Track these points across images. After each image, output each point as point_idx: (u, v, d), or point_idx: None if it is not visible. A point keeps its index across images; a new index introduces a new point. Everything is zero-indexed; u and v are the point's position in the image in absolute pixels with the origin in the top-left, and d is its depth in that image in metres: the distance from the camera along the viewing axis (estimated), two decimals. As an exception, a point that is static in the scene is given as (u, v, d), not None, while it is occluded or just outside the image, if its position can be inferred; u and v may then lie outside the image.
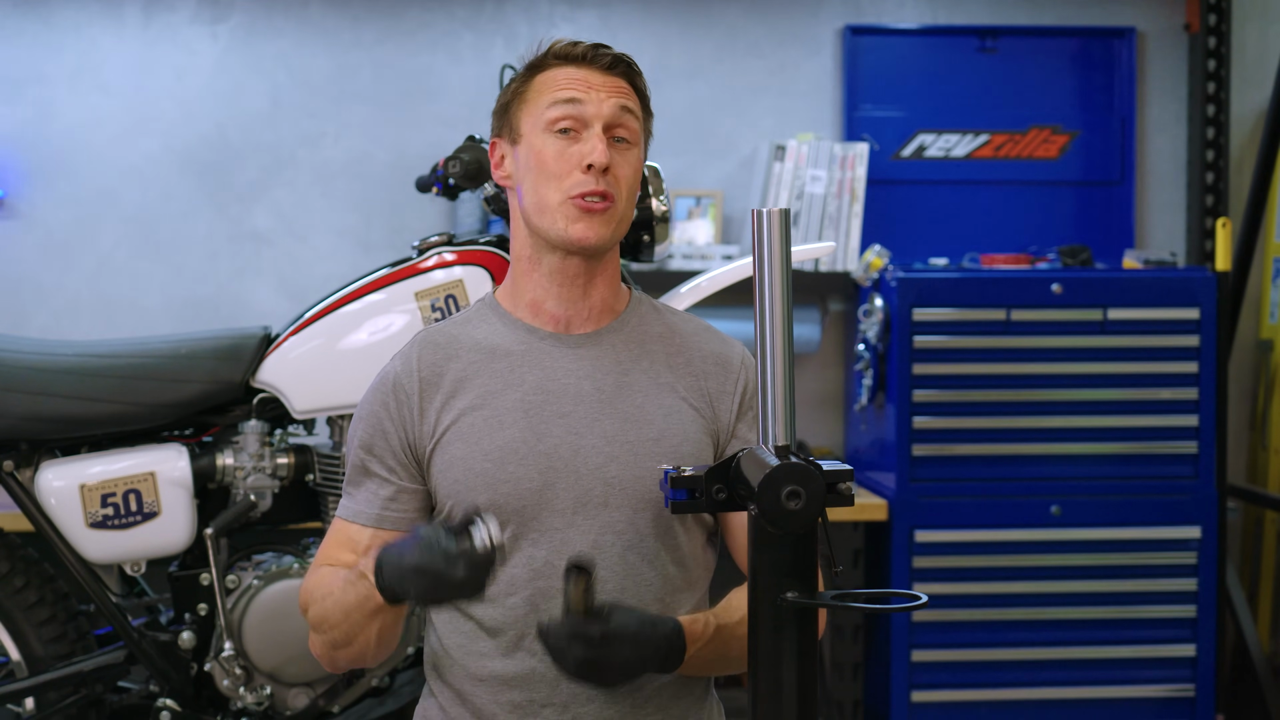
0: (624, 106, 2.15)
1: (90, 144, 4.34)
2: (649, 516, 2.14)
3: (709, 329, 2.28)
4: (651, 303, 2.28)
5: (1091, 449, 3.99)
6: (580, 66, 2.16)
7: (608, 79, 2.16)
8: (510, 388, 2.16)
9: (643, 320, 2.24)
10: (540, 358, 2.18)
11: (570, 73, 2.16)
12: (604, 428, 2.14)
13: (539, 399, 2.15)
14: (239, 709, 3.17)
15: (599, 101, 2.14)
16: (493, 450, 2.13)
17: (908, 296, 3.96)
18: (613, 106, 2.14)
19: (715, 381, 2.20)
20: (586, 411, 2.15)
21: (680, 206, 4.37)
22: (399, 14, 4.41)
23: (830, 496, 1.73)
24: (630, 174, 2.16)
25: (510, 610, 2.14)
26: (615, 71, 2.17)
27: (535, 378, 2.16)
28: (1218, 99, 4.49)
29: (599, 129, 2.13)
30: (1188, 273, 4.07)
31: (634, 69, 2.20)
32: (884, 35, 4.51)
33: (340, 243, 4.40)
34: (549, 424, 2.14)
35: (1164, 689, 3.99)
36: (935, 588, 3.92)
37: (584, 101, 2.13)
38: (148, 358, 3.20)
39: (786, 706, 1.74)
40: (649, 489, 2.14)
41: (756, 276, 1.75)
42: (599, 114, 2.13)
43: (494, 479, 2.12)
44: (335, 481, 3.19)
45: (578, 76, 2.15)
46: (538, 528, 2.14)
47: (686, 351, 2.22)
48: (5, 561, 3.18)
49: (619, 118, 2.15)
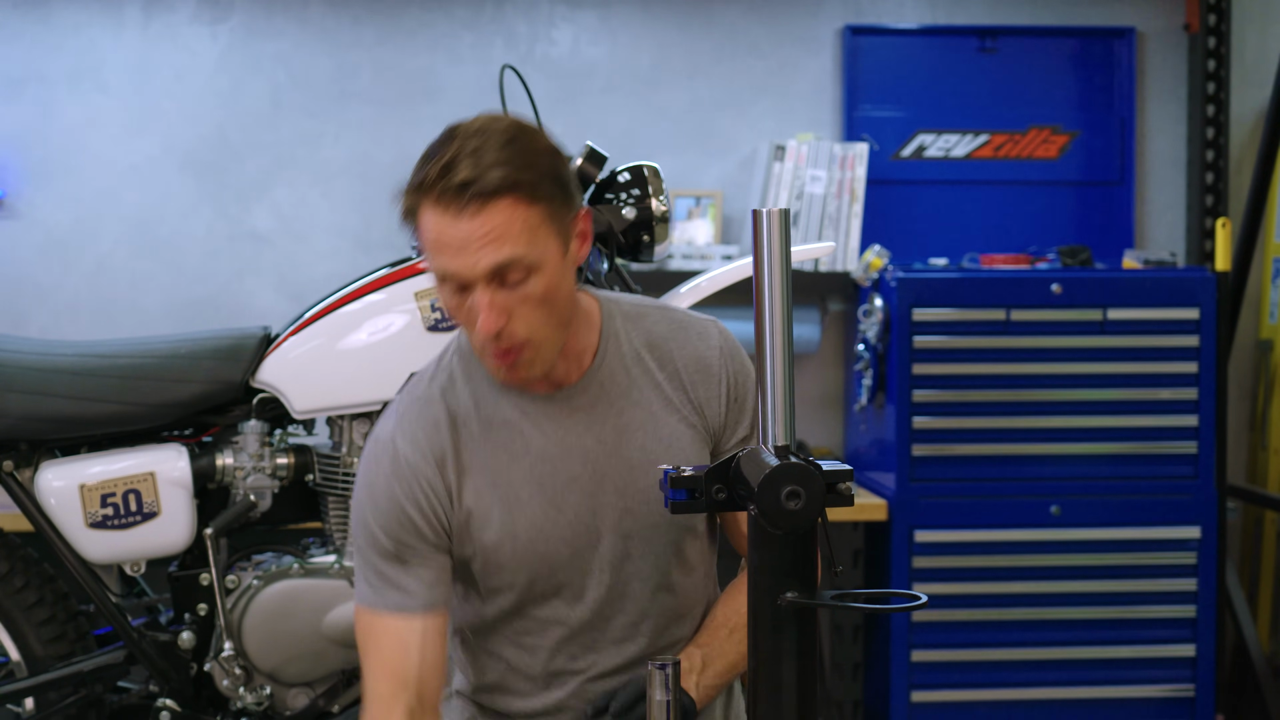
0: (499, 263, 1.95)
1: (90, 144, 4.34)
2: (669, 553, 2.19)
3: (681, 326, 2.21)
4: (621, 312, 2.20)
5: (1091, 449, 3.99)
6: (448, 212, 1.95)
7: (481, 221, 1.94)
8: (516, 459, 2.13)
9: (620, 344, 2.17)
10: (538, 420, 2.14)
11: (440, 223, 1.96)
12: (614, 481, 2.14)
13: (547, 469, 2.13)
14: (239, 709, 3.17)
15: (472, 262, 1.95)
16: (520, 533, 2.13)
17: (907, 296, 3.96)
18: (486, 265, 1.95)
19: (702, 389, 2.18)
20: (595, 469, 2.14)
21: (680, 206, 4.37)
22: (399, 14, 4.41)
23: (830, 496, 1.73)
24: (534, 308, 1.99)
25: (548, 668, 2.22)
26: (491, 203, 1.94)
27: (538, 444, 2.13)
28: (1218, 99, 4.49)
29: (481, 289, 1.97)
30: (1187, 273, 4.07)
31: (515, 185, 1.94)
32: (884, 35, 4.51)
33: (340, 243, 4.40)
34: (563, 493, 2.13)
35: (1164, 689, 3.99)
36: (935, 588, 3.92)
37: (458, 265, 1.96)
38: (148, 358, 3.20)
39: (786, 706, 1.74)
40: (665, 529, 2.17)
41: (756, 276, 1.75)
42: (474, 274, 1.96)
43: (525, 560, 2.14)
44: (335, 481, 3.19)
45: (448, 231, 1.95)
46: (570, 589, 2.18)
47: (670, 363, 2.18)
48: (5, 561, 3.18)
49: (501, 268, 1.96)
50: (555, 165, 2.01)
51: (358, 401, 3.15)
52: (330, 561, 3.18)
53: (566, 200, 2.02)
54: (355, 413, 3.17)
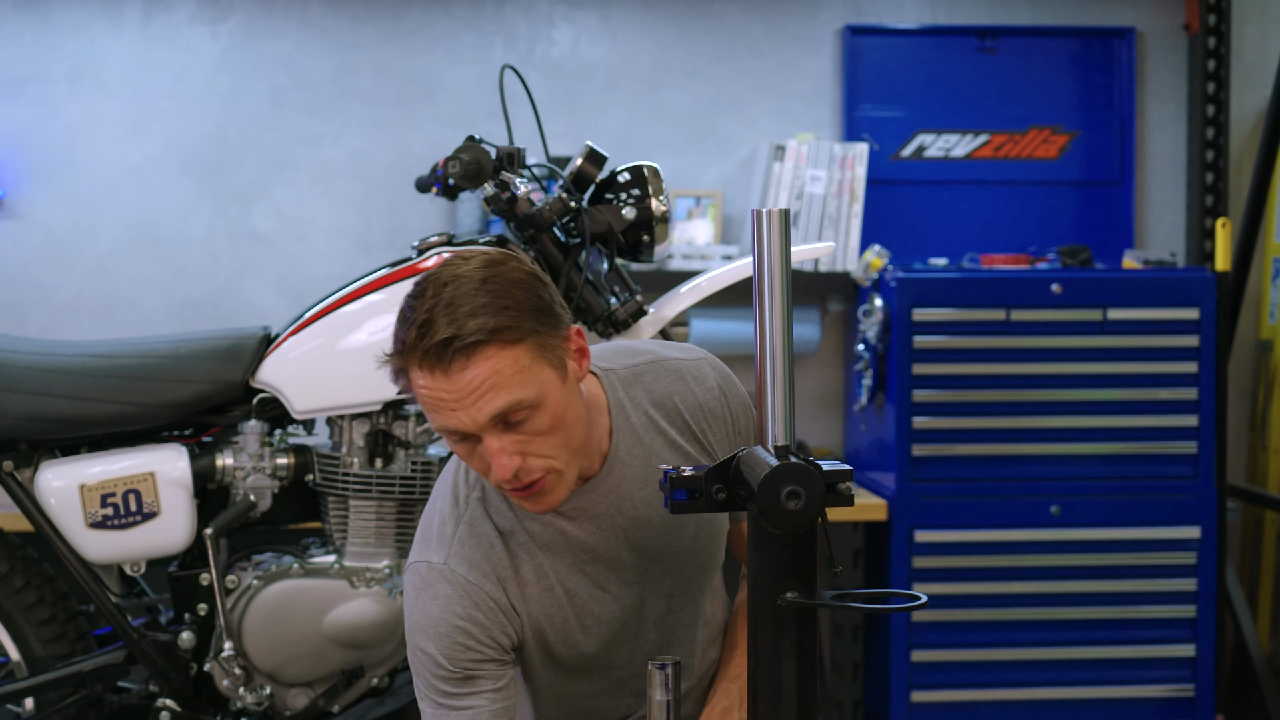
0: (499, 410, 1.94)
1: (90, 144, 4.34)
2: (704, 594, 2.27)
3: (679, 375, 2.20)
4: (620, 380, 2.18)
5: (1091, 449, 3.99)
6: (435, 373, 1.93)
7: (471, 375, 1.92)
8: (563, 559, 2.14)
9: (629, 416, 2.16)
10: (573, 515, 2.14)
11: (430, 384, 1.94)
12: (652, 548, 2.18)
13: (588, 557, 2.15)
14: (239, 709, 3.17)
15: (472, 415, 1.94)
16: (576, 625, 2.16)
17: (907, 296, 3.96)
18: (487, 415, 1.94)
19: (712, 433, 2.20)
20: (634, 547, 2.17)
21: (680, 206, 4.37)
22: (399, 14, 4.41)
23: (830, 496, 1.73)
24: (545, 438, 1.98)
25: None
26: (476, 355, 1.92)
27: (578, 538, 2.14)
28: (1217, 99, 4.49)
29: (489, 437, 1.96)
30: (1187, 273, 4.07)
31: (495, 331, 1.92)
32: (884, 35, 4.51)
33: (340, 243, 4.40)
34: (606, 577, 2.17)
35: (1164, 689, 3.99)
36: (935, 588, 3.92)
37: (458, 421, 1.95)
38: (148, 358, 3.20)
39: (786, 706, 1.74)
40: (699, 576, 2.24)
41: (756, 276, 1.75)
42: (478, 425, 1.95)
43: (587, 644, 2.18)
44: (335, 481, 3.19)
45: (438, 389, 1.94)
46: (622, 655, 2.23)
47: (678, 417, 2.18)
48: (5, 561, 3.18)
49: (502, 414, 1.95)
50: (534, 296, 1.98)
51: (358, 401, 3.15)
52: (330, 561, 3.18)
53: (553, 327, 1.98)
54: (355, 413, 3.17)
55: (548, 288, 2.01)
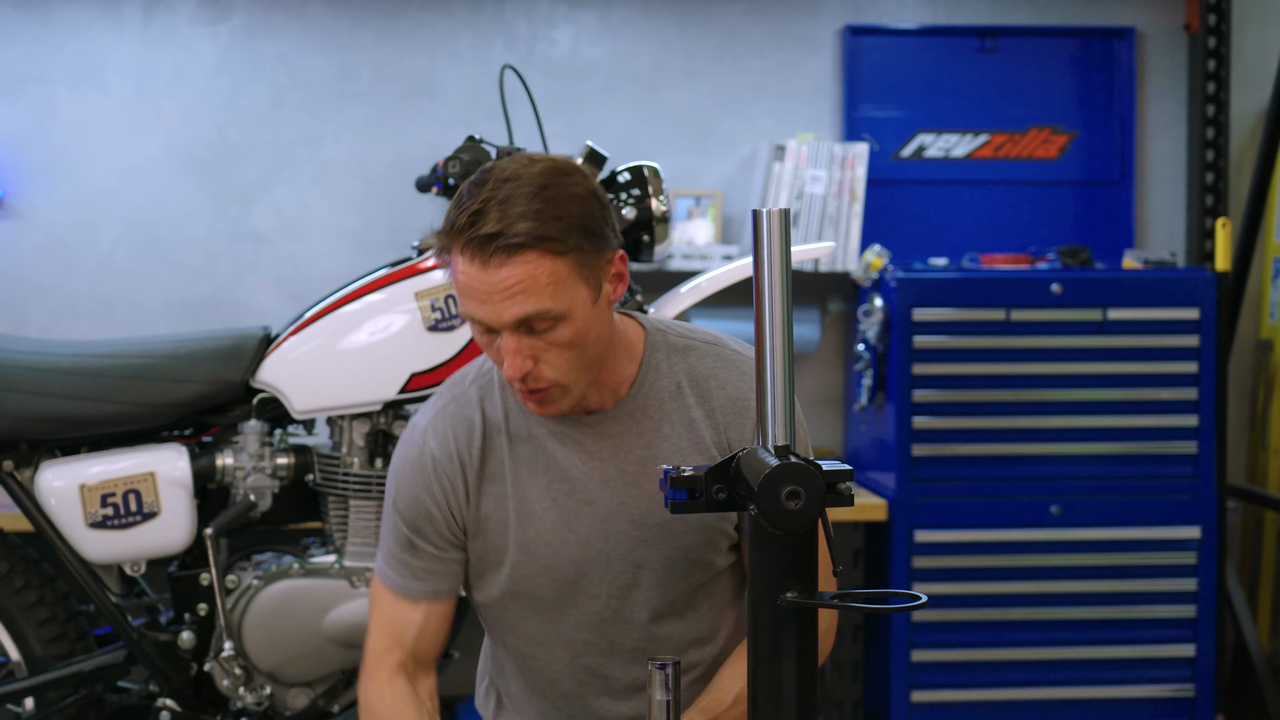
0: (523, 316, 1.98)
1: (90, 144, 4.34)
2: (682, 584, 2.19)
3: (727, 363, 2.19)
4: (668, 343, 2.19)
5: (1091, 449, 3.99)
6: (474, 261, 1.98)
7: (506, 273, 1.97)
8: (536, 474, 2.16)
9: (660, 377, 2.17)
10: (564, 441, 2.16)
11: (465, 269, 1.99)
12: (630, 512, 2.15)
13: (566, 487, 2.15)
14: (239, 709, 3.17)
15: (497, 312, 1.98)
16: (528, 544, 2.16)
17: (907, 296, 3.96)
18: (512, 316, 1.98)
19: (735, 430, 2.17)
20: (613, 497, 2.15)
21: (680, 206, 4.37)
22: (399, 14, 4.41)
23: (830, 496, 1.73)
24: (561, 352, 2.02)
25: (555, 687, 2.24)
26: (516, 256, 1.96)
27: (559, 463, 2.15)
28: (1218, 99, 4.49)
29: (508, 335, 2.00)
30: (1187, 273, 4.07)
31: (540, 239, 1.96)
32: (884, 35, 4.51)
33: (340, 243, 4.40)
34: (578, 513, 2.15)
35: (1164, 689, 3.99)
36: (935, 588, 3.92)
37: (484, 313, 2.00)
38: (148, 358, 3.20)
39: (786, 706, 1.74)
40: (678, 560, 2.18)
41: (756, 276, 1.75)
42: (501, 323, 1.99)
43: (530, 571, 2.17)
44: (335, 481, 3.19)
45: (474, 278, 1.98)
46: (575, 611, 2.20)
47: (707, 399, 2.17)
48: (5, 561, 3.18)
49: (526, 319, 1.99)
50: (587, 213, 2.01)
51: (358, 401, 3.15)
52: (330, 561, 3.18)
53: (598, 247, 2.02)
54: (355, 413, 3.17)
55: (605, 209, 2.04)
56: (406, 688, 2.18)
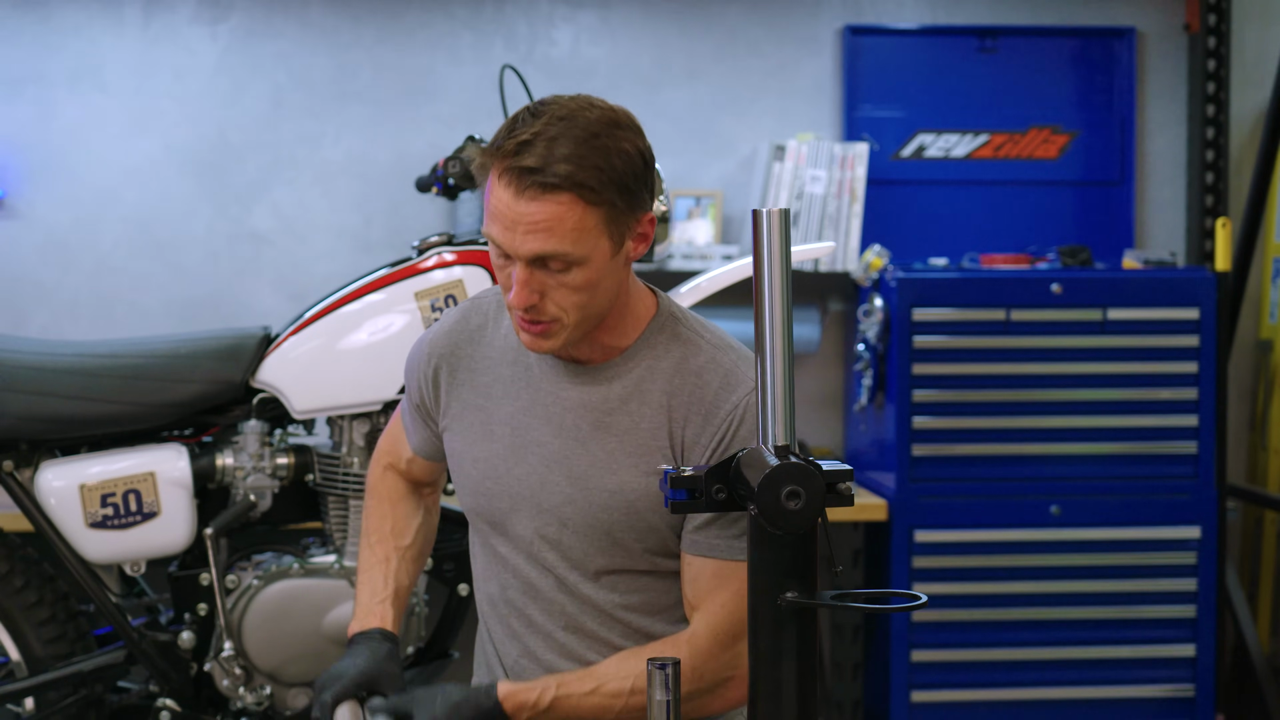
0: (540, 253, 2.00)
1: (90, 144, 4.34)
2: (599, 557, 2.18)
3: (718, 369, 2.16)
4: (674, 331, 2.19)
5: (1091, 449, 3.99)
6: (509, 187, 2.00)
7: (537, 207, 1.99)
8: (508, 398, 2.21)
9: (649, 356, 2.17)
10: (542, 378, 2.19)
11: (499, 193, 2.02)
12: (570, 468, 2.16)
13: (526, 421, 2.19)
14: (239, 709, 3.17)
15: (517, 243, 2.01)
16: (479, 459, 2.22)
17: (907, 296, 3.96)
18: (530, 250, 2.00)
19: (693, 429, 2.14)
20: (561, 447, 2.17)
21: (680, 206, 4.37)
22: (399, 14, 4.41)
23: (830, 496, 1.73)
24: (570, 294, 2.04)
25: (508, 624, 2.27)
26: (550, 195, 1.98)
27: (528, 397, 2.19)
28: (1218, 99, 4.49)
29: (520, 266, 2.03)
30: (1187, 273, 4.07)
31: (579, 185, 1.98)
32: (884, 35, 4.51)
33: (340, 243, 4.40)
34: (527, 449, 2.19)
35: (1164, 689, 3.99)
36: (935, 588, 3.92)
37: (504, 239, 2.02)
38: (148, 358, 3.20)
39: (786, 706, 1.74)
40: (603, 532, 2.16)
41: (756, 276, 1.75)
42: (517, 253, 2.02)
43: (477, 488, 2.24)
44: (335, 481, 3.19)
45: (505, 204, 2.01)
46: (504, 545, 2.24)
47: (681, 393, 2.15)
48: (5, 561, 3.18)
49: (543, 256, 2.01)
50: (629, 170, 2.03)
51: (358, 401, 3.15)
52: (330, 561, 3.18)
53: (631, 206, 2.05)
54: (355, 413, 3.17)
55: (648, 171, 2.07)
56: (398, 478, 2.45)
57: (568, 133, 2.00)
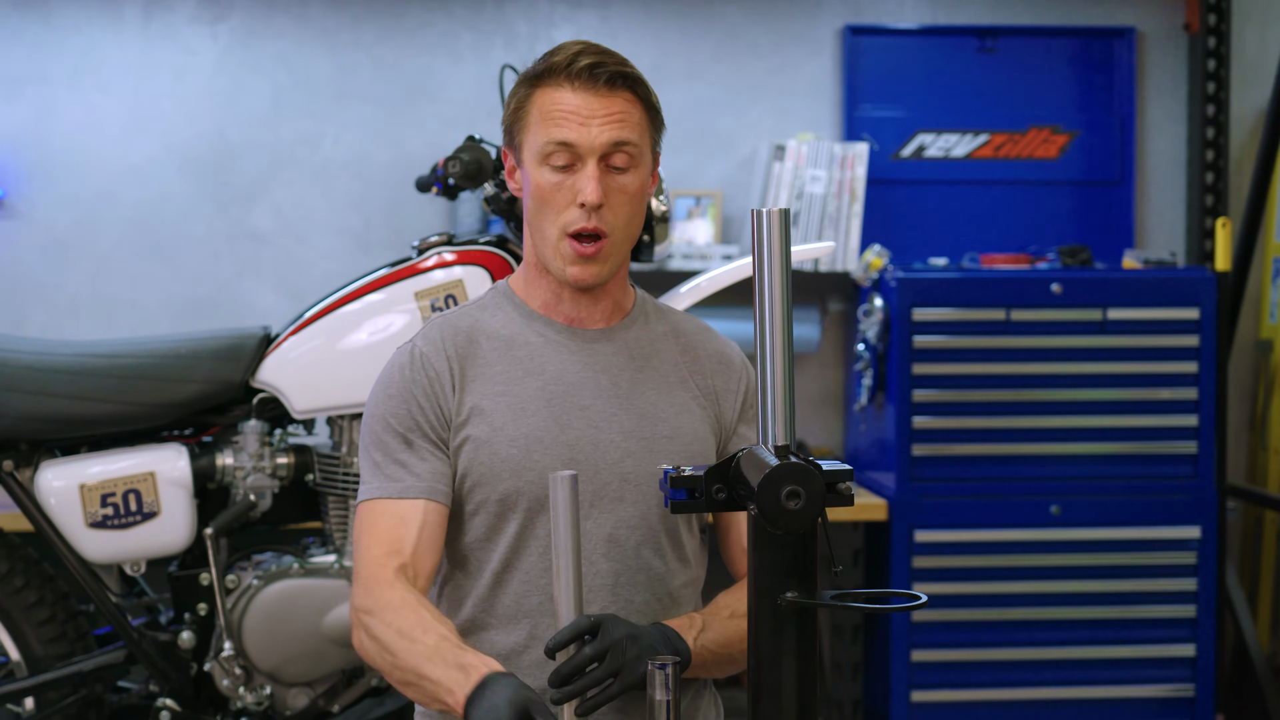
0: (619, 140, 2.11)
1: (90, 144, 4.34)
2: (659, 512, 2.19)
3: (707, 329, 2.32)
4: (655, 303, 2.31)
5: (1091, 449, 3.99)
6: (577, 89, 2.10)
7: (607, 102, 2.11)
8: (530, 375, 2.19)
9: (649, 319, 2.27)
10: (558, 350, 2.21)
11: (566, 98, 2.11)
12: (621, 423, 2.18)
13: (560, 389, 2.18)
14: (239, 709, 3.17)
15: (594, 135, 2.10)
16: (518, 437, 2.16)
17: (907, 296, 3.96)
18: (608, 139, 2.10)
19: (720, 379, 2.25)
20: (605, 406, 2.18)
21: (680, 206, 4.37)
22: (399, 14, 4.41)
23: (830, 496, 1.73)
24: (627, 201, 2.14)
25: (524, 599, 2.18)
26: (616, 90, 2.12)
27: (554, 369, 2.20)
28: (1218, 99, 4.49)
29: (593, 164, 2.11)
30: (1187, 273, 4.07)
31: (638, 82, 2.14)
32: (884, 35, 4.51)
33: (340, 243, 4.40)
34: (570, 415, 2.18)
35: (1164, 689, 3.99)
36: (935, 588, 3.92)
37: (579, 136, 2.10)
38: (148, 358, 3.20)
39: (786, 706, 1.74)
40: (629, 508, 2.17)
41: (756, 276, 1.75)
42: (593, 148, 2.10)
43: (519, 465, 2.15)
44: (335, 481, 3.19)
45: (574, 104, 2.11)
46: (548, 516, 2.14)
47: (692, 350, 2.26)
48: (5, 561, 3.19)
49: (615, 148, 2.11)
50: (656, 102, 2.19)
51: (358, 401, 3.15)
52: (330, 561, 3.18)
53: (658, 130, 2.19)
54: (355, 413, 3.17)
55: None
56: (411, 588, 2.09)
57: (609, 51, 2.14)
